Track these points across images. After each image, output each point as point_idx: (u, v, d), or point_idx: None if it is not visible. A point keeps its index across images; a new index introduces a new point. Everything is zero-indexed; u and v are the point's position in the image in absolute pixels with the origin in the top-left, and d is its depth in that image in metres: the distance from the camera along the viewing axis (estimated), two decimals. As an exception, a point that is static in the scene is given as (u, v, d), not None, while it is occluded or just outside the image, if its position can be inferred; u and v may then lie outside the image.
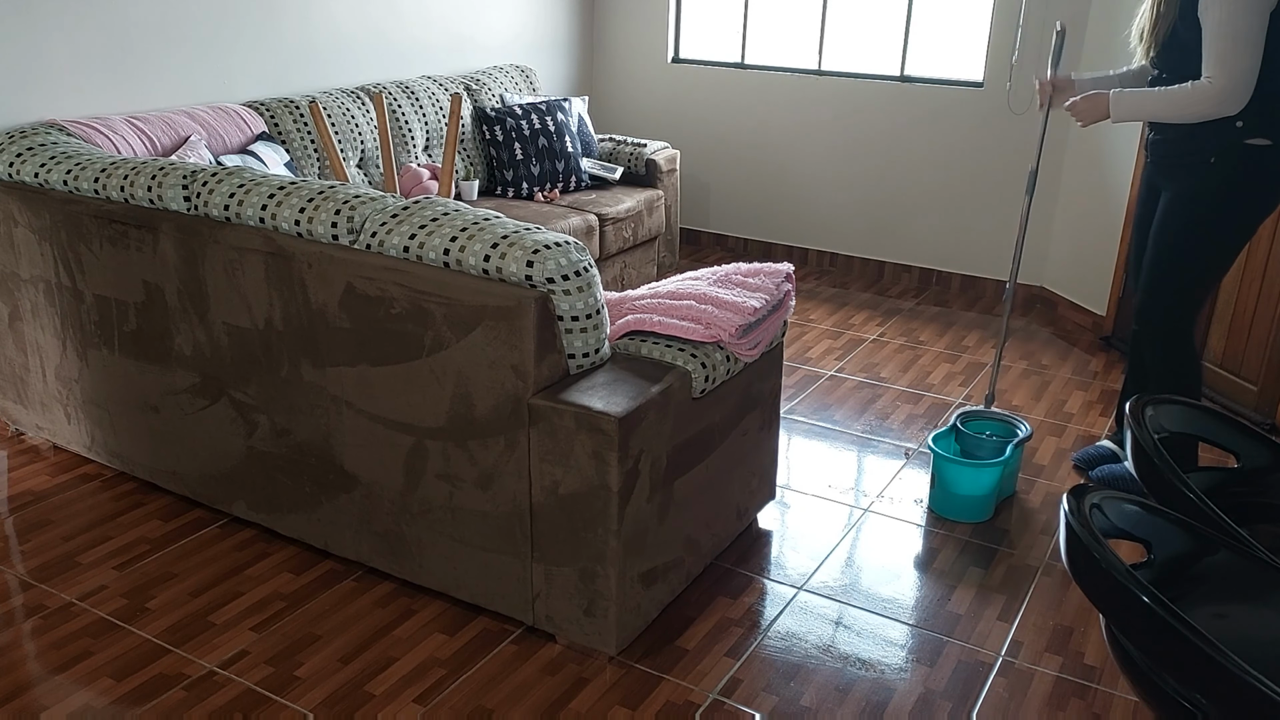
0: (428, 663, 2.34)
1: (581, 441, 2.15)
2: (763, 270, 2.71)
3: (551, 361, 2.23)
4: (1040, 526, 2.99)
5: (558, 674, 2.32)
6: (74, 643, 2.38)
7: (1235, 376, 3.70)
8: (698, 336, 2.42)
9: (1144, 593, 1.41)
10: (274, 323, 2.49)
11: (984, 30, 4.76)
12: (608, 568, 2.23)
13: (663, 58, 5.58)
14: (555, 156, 4.61)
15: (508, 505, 2.30)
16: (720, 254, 5.61)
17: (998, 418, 3.18)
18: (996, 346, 4.22)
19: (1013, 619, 2.57)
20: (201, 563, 2.69)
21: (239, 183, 2.56)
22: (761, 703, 2.26)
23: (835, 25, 5.14)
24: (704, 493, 2.52)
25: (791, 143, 5.33)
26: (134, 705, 2.19)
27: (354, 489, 2.53)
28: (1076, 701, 2.29)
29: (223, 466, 2.77)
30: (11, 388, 3.20)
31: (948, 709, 2.26)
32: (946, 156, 4.97)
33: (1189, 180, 2.88)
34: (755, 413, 2.70)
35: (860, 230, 5.30)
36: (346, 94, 4.17)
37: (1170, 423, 1.99)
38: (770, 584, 2.70)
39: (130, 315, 2.76)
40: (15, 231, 2.91)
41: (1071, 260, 4.59)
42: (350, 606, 2.53)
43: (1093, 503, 1.63)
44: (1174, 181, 2.93)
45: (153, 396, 2.82)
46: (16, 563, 2.67)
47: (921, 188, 5.08)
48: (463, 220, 2.32)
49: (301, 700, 2.22)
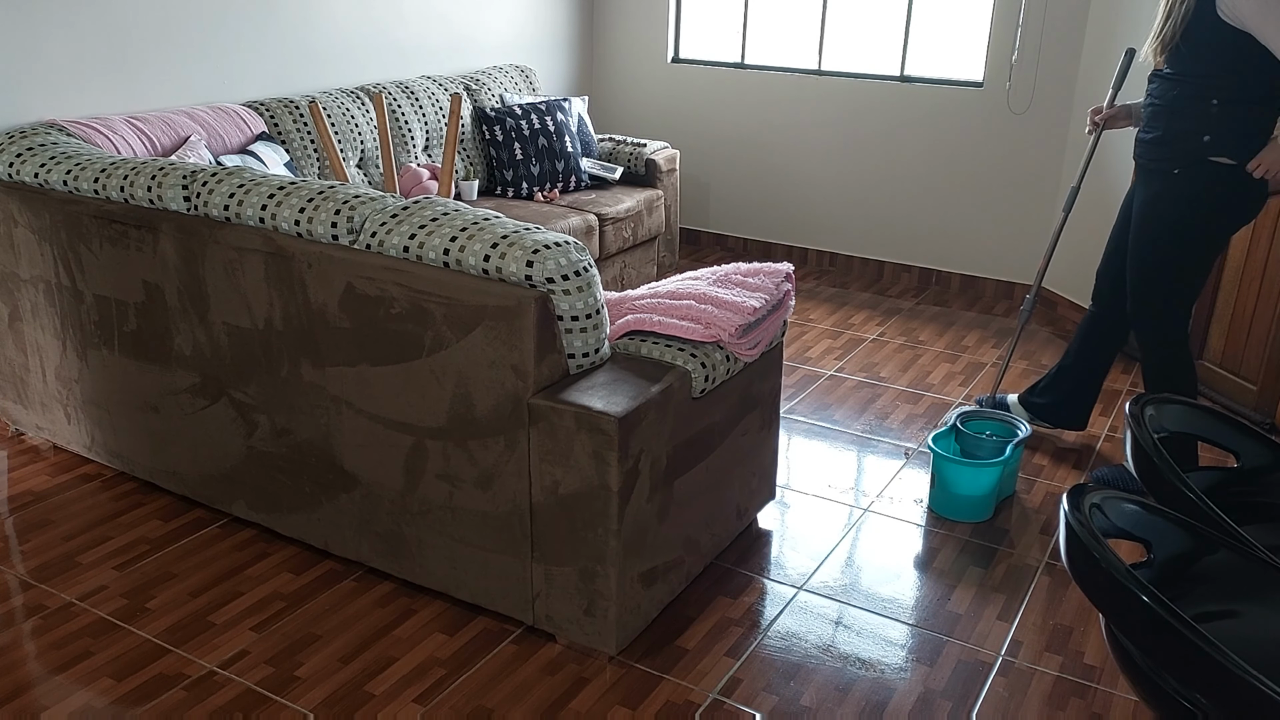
0: (428, 663, 2.34)
1: (581, 441, 2.15)
2: (762, 270, 2.71)
3: (551, 361, 2.23)
4: (1040, 526, 2.99)
5: (558, 674, 2.32)
6: (74, 643, 2.38)
7: (1235, 376, 3.70)
8: (698, 336, 2.42)
9: (1144, 593, 1.41)
10: (274, 323, 2.49)
11: (984, 30, 4.76)
12: (608, 567, 2.23)
13: (663, 58, 5.58)
14: (555, 156, 4.61)
15: (508, 505, 2.30)
16: (720, 254, 5.61)
17: (998, 418, 3.19)
18: (1005, 353, 4.22)
19: (1013, 619, 2.57)
20: (201, 563, 2.69)
21: (239, 183, 2.56)
22: (761, 702, 2.26)
23: (835, 25, 5.14)
24: (704, 493, 2.52)
25: (791, 143, 5.33)
26: (134, 705, 2.19)
27: (354, 489, 2.53)
28: (1076, 701, 2.29)
29: (223, 466, 2.77)
30: (11, 388, 3.20)
31: (948, 709, 2.26)
32: (946, 156, 4.97)
33: (1157, 187, 2.95)
34: (755, 413, 2.70)
35: (860, 230, 5.30)
36: (346, 94, 4.17)
37: (1170, 423, 2.00)
38: (770, 584, 2.70)
39: (130, 315, 2.76)
40: (15, 231, 2.91)
41: (1072, 261, 4.59)
42: (350, 606, 2.53)
43: (1093, 503, 1.63)
44: (1146, 185, 3.01)
45: (153, 396, 2.82)
46: (16, 563, 2.67)
47: (921, 188, 5.08)
48: (463, 220, 2.32)
49: (301, 700, 2.22)
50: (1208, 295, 3.79)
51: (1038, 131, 4.74)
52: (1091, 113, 3.26)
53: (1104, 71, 4.36)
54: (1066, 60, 4.59)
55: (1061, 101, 4.64)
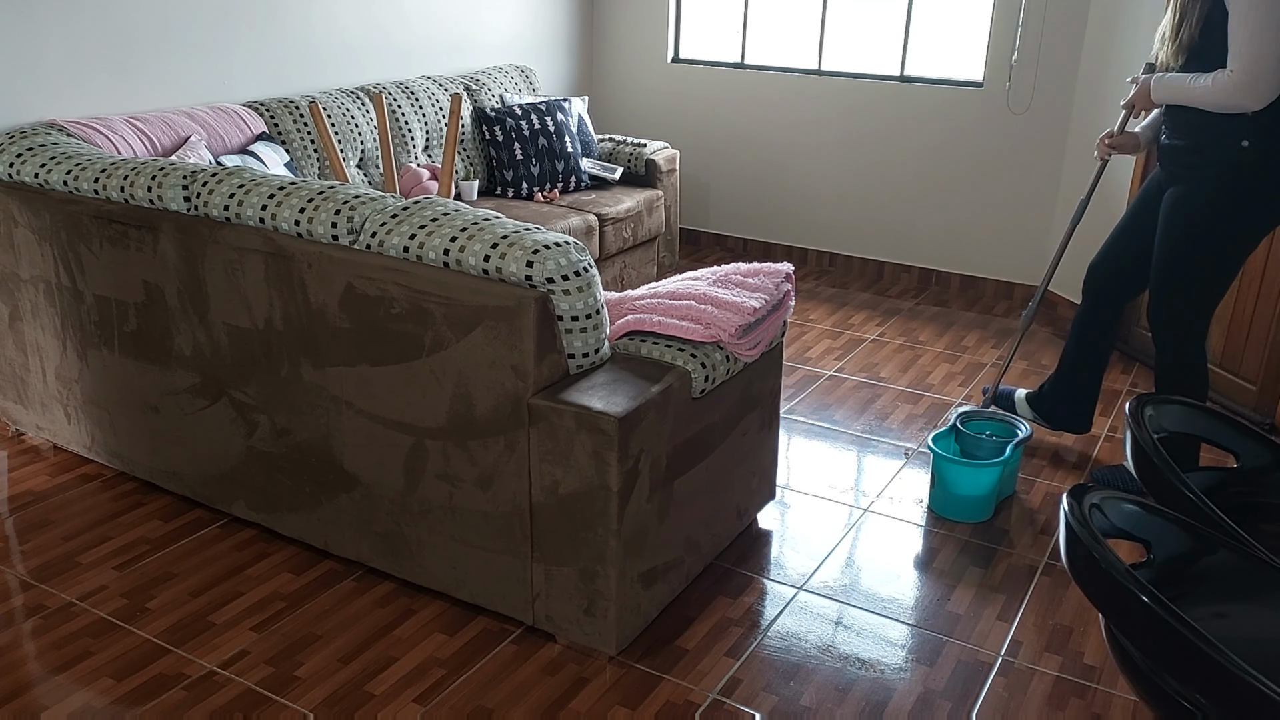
0: (428, 663, 2.34)
1: (581, 441, 2.15)
2: (762, 270, 2.71)
3: (551, 361, 2.23)
4: (1040, 526, 2.99)
5: (558, 674, 2.32)
6: (74, 643, 2.38)
7: (1235, 376, 3.70)
8: (697, 336, 2.42)
9: (1144, 593, 1.42)
10: (274, 323, 2.49)
11: (984, 30, 4.76)
12: (608, 567, 2.23)
13: (663, 58, 5.58)
14: (555, 157, 4.61)
15: (508, 505, 2.30)
16: (720, 254, 5.61)
17: (998, 418, 3.18)
18: (1007, 353, 4.22)
19: (1012, 619, 2.57)
20: (201, 563, 2.69)
21: (239, 183, 2.56)
22: (761, 702, 2.26)
23: (835, 25, 5.14)
24: (704, 493, 2.52)
25: (791, 143, 5.33)
26: (134, 705, 2.19)
27: (354, 489, 2.53)
28: (1076, 701, 2.29)
29: (223, 466, 2.77)
30: (11, 388, 3.20)
31: (947, 709, 2.26)
32: (946, 156, 4.97)
33: (1193, 189, 2.87)
34: (755, 413, 2.70)
35: (860, 230, 5.30)
36: (346, 94, 4.17)
37: (1170, 423, 2.00)
38: (770, 584, 2.70)
39: (130, 315, 2.76)
40: (15, 231, 2.91)
41: (1072, 261, 4.58)
42: (350, 606, 2.53)
43: (1092, 503, 1.63)
44: (1178, 188, 2.92)
45: (153, 396, 2.82)
46: (16, 563, 2.67)
47: (921, 188, 5.08)
48: (462, 220, 2.32)
49: (301, 700, 2.22)
50: (1208, 295, 3.79)
51: (1038, 131, 4.74)
52: (1103, 139, 3.16)
53: (1104, 71, 4.36)
54: (1066, 60, 4.59)
55: (1061, 101, 4.64)
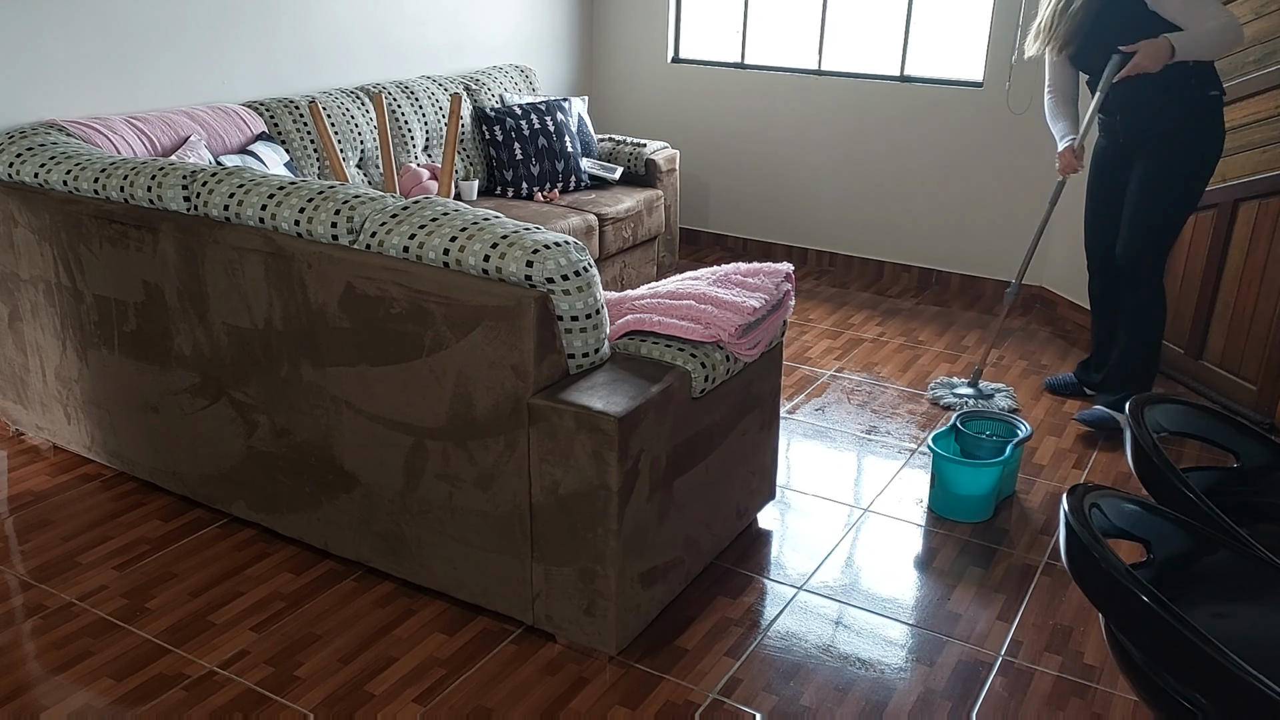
0: (428, 663, 2.34)
1: (581, 441, 2.15)
2: (762, 270, 2.71)
3: (551, 361, 2.23)
4: (1040, 526, 2.99)
5: (558, 674, 2.32)
6: (74, 643, 2.38)
7: (1235, 376, 3.70)
8: (697, 336, 2.42)
9: (1144, 593, 1.42)
10: (274, 323, 2.49)
11: (984, 30, 4.76)
12: (608, 567, 2.23)
13: (663, 58, 5.58)
14: (555, 156, 4.61)
15: (507, 505, 2.30)
16: (720, 254, 5.61)
17: (998, 417, 3.19)
18: (992, 332, 4.22)
19: (1012, 619, 2.57)
20: (201, 563, 2.69)
21: (239, 183, 2.56)
22: (761, 702, 2.26)
23: (835, 25, 5.14)
24: (704, 493, 2.52)
25: (791, 143, 5.33)
26: (134, 705, 2.19)
27: (354, 489, 2.53)
28: (1076, 701, 2.29)
29: (223, 466, 2.77)
30: (11, 388, 3.20)
31: (947, 708, 2.26)
32: (946, 156, 4.97)
33: (1168, 143, 3.23)
34: (755, 412, 2.70)
35: (860, 230, 5.30)
36: (346, 94, 4.17)
37: (1170, 422, 2.00)
38: (770, 584, 2.70)
39: (130, 315, 2.76)
40: (15, 231, 2.91)
41: (1071, 260, 4.58)
42: (350, 606, 2.53)
43: (1092, 502, 1.63)
44: (1150, 148, 3.28)
45: (153, 396, 2.82)
46: (16, 563, 2.67)
47: (921, 188, 5.08)
48: (462, 220, 2.32)
49: (301, 700, 2.22)
50: (1208, 295, 3.79)
51: (1038, 131, 4.73)
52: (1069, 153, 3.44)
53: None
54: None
55: (1061, 101, 4.63)
